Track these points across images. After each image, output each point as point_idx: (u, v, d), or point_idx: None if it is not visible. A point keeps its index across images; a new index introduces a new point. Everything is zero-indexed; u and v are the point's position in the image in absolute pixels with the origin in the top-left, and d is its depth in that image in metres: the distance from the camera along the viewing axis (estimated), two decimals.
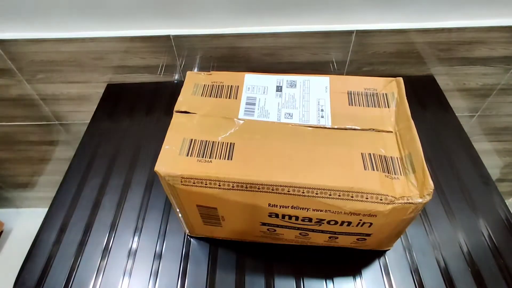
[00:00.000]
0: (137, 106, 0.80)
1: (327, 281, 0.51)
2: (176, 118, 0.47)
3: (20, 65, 0.80)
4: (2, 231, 1.35)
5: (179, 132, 0.46)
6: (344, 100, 0.50)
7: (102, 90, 0.84)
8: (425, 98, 0.78)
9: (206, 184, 0.42)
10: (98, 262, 0.54)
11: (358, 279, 0.52)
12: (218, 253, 0.55)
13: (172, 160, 0.43)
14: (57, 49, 0.76)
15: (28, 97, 0.88)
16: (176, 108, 0.49)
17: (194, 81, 0.53)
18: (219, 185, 0.41)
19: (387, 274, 0.52)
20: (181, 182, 0.42)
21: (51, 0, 0.69)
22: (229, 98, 0.50)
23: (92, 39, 0.75)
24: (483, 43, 0.75)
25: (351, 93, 0.50)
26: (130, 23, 0.73)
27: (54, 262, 0.55)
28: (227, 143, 0.44)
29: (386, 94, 0.50)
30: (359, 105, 0.49)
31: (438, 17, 0.72)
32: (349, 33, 0.74)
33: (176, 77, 0.84)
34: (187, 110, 0.48)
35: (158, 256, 0.55)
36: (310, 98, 0.50)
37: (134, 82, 0.85)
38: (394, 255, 0.54)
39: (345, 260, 0.53)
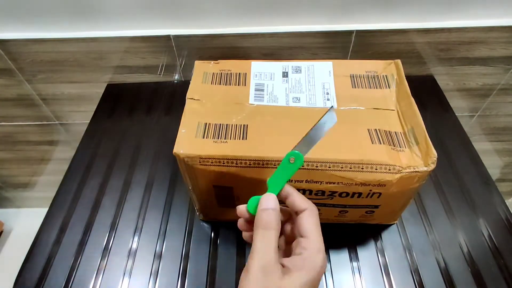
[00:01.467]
0: (137, 106, 0.80)
1: (327, 280, 0.51)
2: (189, 104, 0.49)
3: (21, 65, 0.80)
4: (2, 231, 1.35)
5: (193, 117, 0.47)
6: (348, 83, 0.52)
7: (102, 90, 0.84)
8: (425, 98, 0.78)
9: (223, 163, 0.43)
10: (98, 262, 0.54)
11: (358, 279, 0.52)
12: (218, 253, 0.55)
13: (189, 143, 0.44)
14: (57, 49, 0.76)
15: (28, 97, 0.88)
16: (188, 95, 0.50)
17: (203, 69, 0.55)
18: (236, 164, 0.43)
19: (387, 274, 0.52)
20: (200, 162, 0.43)
21: (51, 0, 0.69)
22: (238, 85, 0.52)
23: (92, 39, 0.75)
24: (483, 43, 0.75)
25: (353, 76, 0.53)
26: (130, 23, 0.73)
27: (54, 262, 0.55)
28: (241, 124, 0.46)
29: (386, 75, 0.53)
30: (362, 87, 0.52)
31: (438, 17, 0.72)
32: (349, 33, 0.74)
33: (176, 77, 0.84)
34: (199, 98, 0.50)
35: (158, 256, 0.55)
36: (315, 82, 0.52)
37: (134, 82, 0.85)
38: (394, 255, 0.54)
39: (345, 259, 0.53)
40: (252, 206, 0.35)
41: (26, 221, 1.38)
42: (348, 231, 0.56)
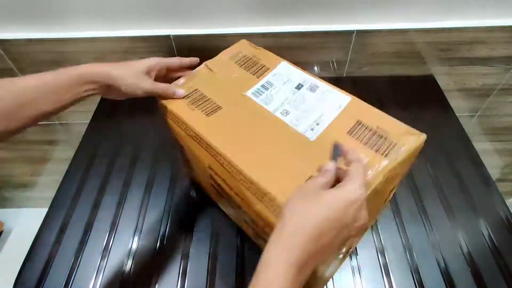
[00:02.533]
0: (137, 106, 0.80)
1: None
2: (201, 69, 0.54)
3: (21, 65, 0.80)
4: (2, 231, 1.35)
5: (194, 80, 0.52)
6: (348, 126, 0.45)
7: None
8: (425, 98, 0.78)
9: (177, 123, 0.48)
10: (98, 262, 0.54)
11: (358, 279, 0.52)
12: (218, 253, 0.55)
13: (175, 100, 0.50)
14: (57, 49, 0.76)
15: None
16: (208, 62, 0.55)
17: (241, 49, 0.58)
18: (185, 129, 0.47)
19: (387, 274, 0.52)
20: (168, 116, 0.49)
21: (51, 0, 0.69)
22: (253, 74, 0.53)
23: (92, 39, 0.74)
24: (483, 43, 0.75)
25: (359, 124, 0.45)
26: (130, 23, 0.73)
27: (54, 262, 0.55)
28: (216, 104, 0.48)
29: (395, 144, 0.42)
30: (357, 139, 0.43)
31: (438, 17, 0.72)
32: (349, 33, 0.74)
33: None
34: (214, 70, 0.53)
35: (158, 256, 0.55)
36: (317, 107, 0.48)
37: None
38: (394, 255, 0.54)
39: (345, 259, 0.53)
40: None
41: (26, 221, 1.38)
42: None
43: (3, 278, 1.14)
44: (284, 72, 0.53)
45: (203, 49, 0.77)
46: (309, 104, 0.48)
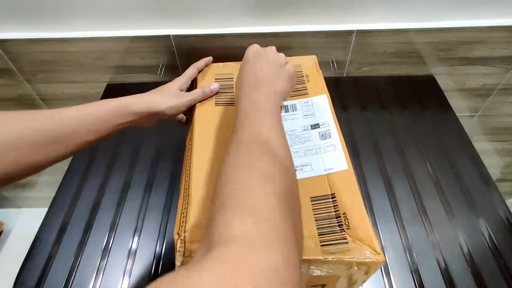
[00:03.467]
0: None
1: None
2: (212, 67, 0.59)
3: (20, 65, 0.80)
4: (2, 231, 1.35)
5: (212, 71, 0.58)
6: (318, 192, 0.40)
7: (102, 90, 0.84)
8: (425, 98, 0.78)
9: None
10: (98, 262, 0.54)
11: None
12: None
13: None
14: (57, 49, 0.76)
15: (28, 97, 0.88)
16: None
17: (305, 62, 0.58)
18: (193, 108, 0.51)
19: (387, 274, 0.52)
20: None
21: (51, 0, 0.69)
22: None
23: (92, 39, 0.74)
24: (483, 43, 0.75)
25: (331, 197, 0.40)
26: (130, 23, 0.73)
27: (54, 262, 0.55)
28: (232, 99, 0.50)
29: (347, 243, 0.36)
30: (313, 210, 0.39)
31: (438, 17, 0.72)
32: (349, 33, 0.74)
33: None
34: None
35: (158, 256, 0.55)
36: (311, 156, 0.44)
37: (134, 82, 0.85)
38: (394, 255, 0.54)
39: None
40: None
41: (26, 221, 1.38)
42: None
43: (3, 278, 1.14)
44: (316, 105, 0.49)
45: (203, 49, 0.77)
46: (307, 148, 0.45)
